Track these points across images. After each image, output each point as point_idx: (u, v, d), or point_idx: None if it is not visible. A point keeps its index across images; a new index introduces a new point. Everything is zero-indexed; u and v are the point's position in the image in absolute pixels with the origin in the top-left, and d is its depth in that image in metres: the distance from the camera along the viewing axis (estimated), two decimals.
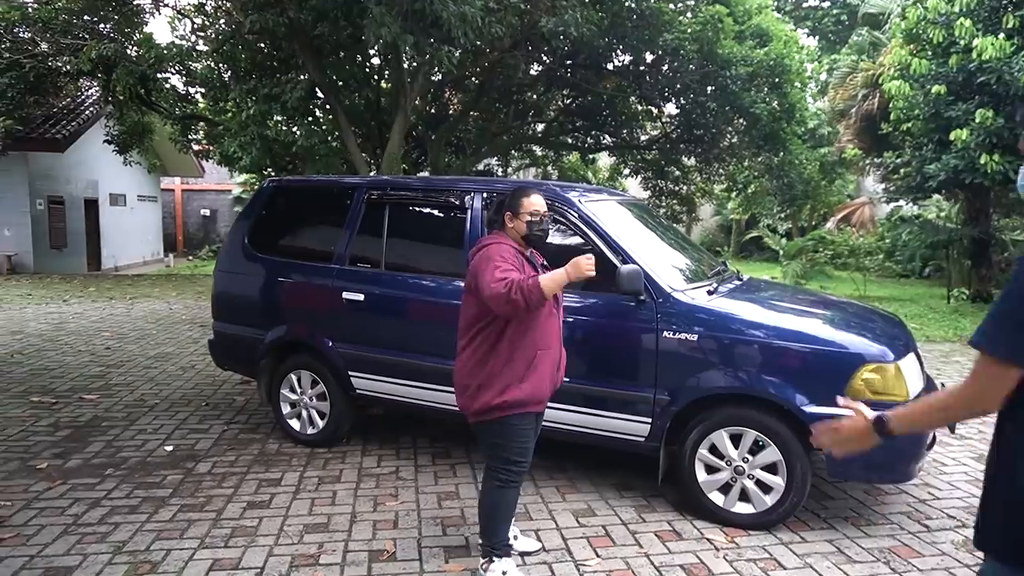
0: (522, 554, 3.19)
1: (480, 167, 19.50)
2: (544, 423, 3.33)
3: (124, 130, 14.61)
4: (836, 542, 3.34)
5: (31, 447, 4.44)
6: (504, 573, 2.90)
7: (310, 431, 4.57)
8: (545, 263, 3.13)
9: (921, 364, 3.60)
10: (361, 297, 4.26)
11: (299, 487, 3.93)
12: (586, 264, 2.74)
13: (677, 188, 18.56)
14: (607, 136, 16.78)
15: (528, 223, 2.94)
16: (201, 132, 14.66)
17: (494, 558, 2.92)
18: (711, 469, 3.50)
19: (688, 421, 3.52)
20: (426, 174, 14.17)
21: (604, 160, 23.42)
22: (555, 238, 3.88)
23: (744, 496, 3.44)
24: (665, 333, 3.51)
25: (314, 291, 4.48)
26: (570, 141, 17.63)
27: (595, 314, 3.70)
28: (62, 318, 9.35)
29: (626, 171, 19.20)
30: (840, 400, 2.12)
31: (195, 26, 12.72)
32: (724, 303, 3.64)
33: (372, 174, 11.08)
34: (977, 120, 8.57)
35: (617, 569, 3.08)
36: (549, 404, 3.17)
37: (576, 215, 3.81)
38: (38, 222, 15.40)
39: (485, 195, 4.05)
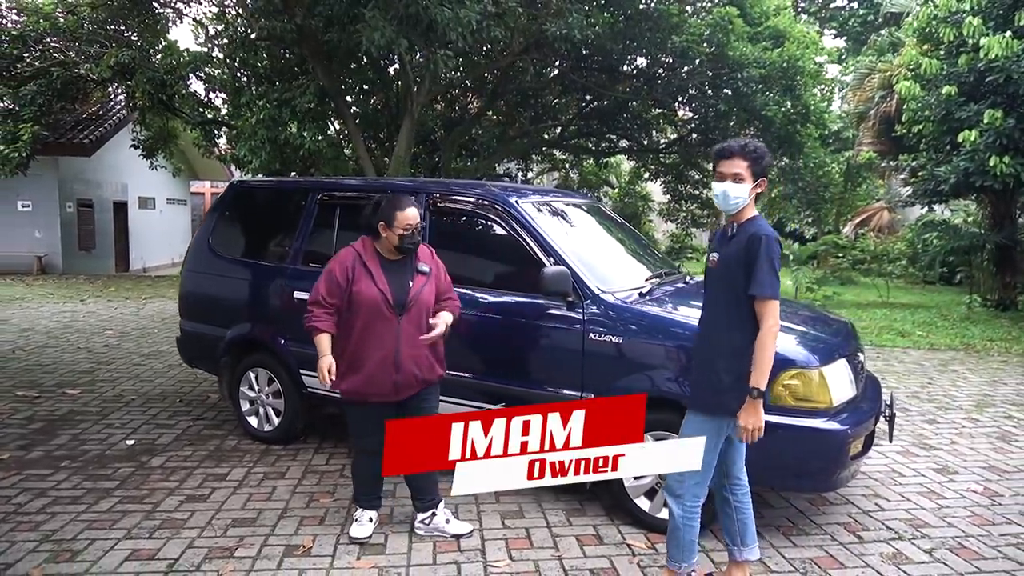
0: (455, 536, 3.31)
1: (500, 171, 19.58)
2: None
3: (149, 135, 15.10)
4: (760, 551, 3.25)
5: (0, 439, 4.61)
6: (356, 520, 3.37)
7: (267, 428, 4.65)
8: (423, 267, 3.26)
9: (856, 371, 3.49)
10: None
11: (242, 482, 4.00)
12: (322, 377, 3.17)
13: (697, 192, 18.34)
14: (624, 140, 16.67)
15: (401, 236, 3.15)
16: (224, 137, 15.07)
17: (358, 508, 3.40)
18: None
19: None
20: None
21: (626, 164, 23.30)
22: (494, 238, 3.91)
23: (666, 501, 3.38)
24: (591, 335, 3.48)
25: (270, 290, 4.56)
26: (590, 145, 17.56)
27: (526, 315, 3.69)
28: (74, 316, 9.69)
29: (646, 175, 19.08)
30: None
31: (212, 33, 13.02)
32: (655, 306, 3.59)
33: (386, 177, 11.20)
34: (985, 121, 8.28)
35: (524, 571, 3.06)
36: (478, 404, 3.42)
37: (511, 216, 3.81)
38: (67, 224, 15.99)
39: (427, 196, 4.07)
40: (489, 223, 3.91)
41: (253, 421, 4.70)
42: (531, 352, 3.69)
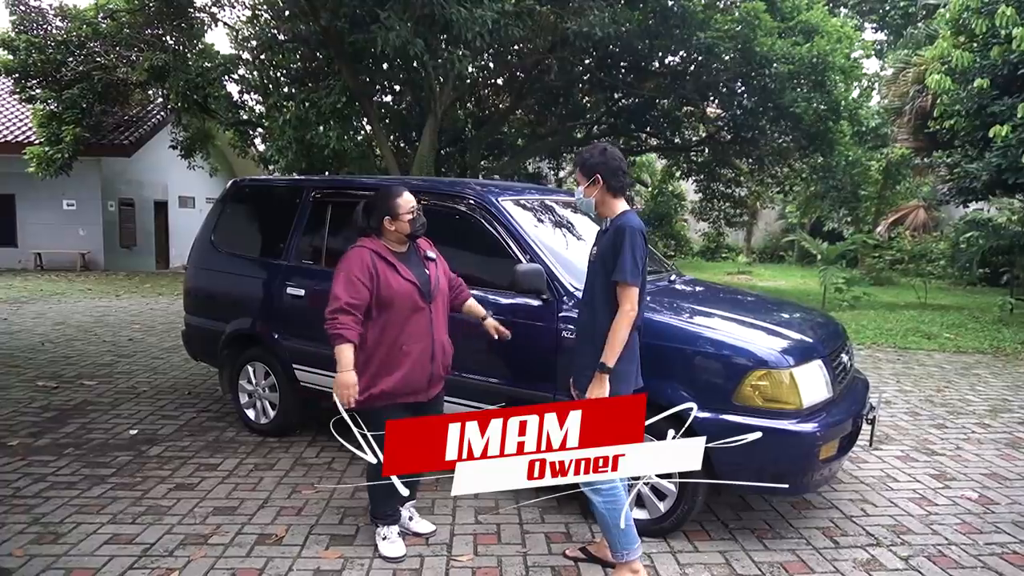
0: (416, 535, 3.33)
1: (531, 170, 19.58)
2: None
3: (187, 136, 15.56)
4: (729, 553, 3.22)
5: (13, 426, 4.83)
6: (384, 538, 3.19)
7: (263, 421, 4.77)
8: (429, 254, 3.26)
9: (835, 373, 3.41)
10: (302, 292, 4.41)
11: (232, 472, 4.11)
12: (343, 394, 2.92)
13: (730, 191, 18.04)
14: (654, 138, 16.50)
15: (410, 221, 3.11)
16: (259, 137, 15.46)
17: (379, 525, 3.22)
18: None
19: None
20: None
21: (659, 163, 23.05)
22: (474, 235, 3.93)
23: (639, 501, 3.37)
24: (564, 333, 3.48)
25: (265, 286, 4.67)
26: (620, 143, 17.40)
27: (502, 312, 3.69)
28: (106, 311, 10.06)
29: (678, 173, 18.86)
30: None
31: (243, 36, 13.35)
32: None
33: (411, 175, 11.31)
34: (1019, 115, 7.94)
35: (485, 566, 3.08)
36: (452, 401, 3.40)
37: (490, 214, 3.82)
38: (110, 223, 16.60)
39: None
40: (470, 221, 3.93)
41: (251, 413, 4.82)
42: (506, 349, 3.69)
